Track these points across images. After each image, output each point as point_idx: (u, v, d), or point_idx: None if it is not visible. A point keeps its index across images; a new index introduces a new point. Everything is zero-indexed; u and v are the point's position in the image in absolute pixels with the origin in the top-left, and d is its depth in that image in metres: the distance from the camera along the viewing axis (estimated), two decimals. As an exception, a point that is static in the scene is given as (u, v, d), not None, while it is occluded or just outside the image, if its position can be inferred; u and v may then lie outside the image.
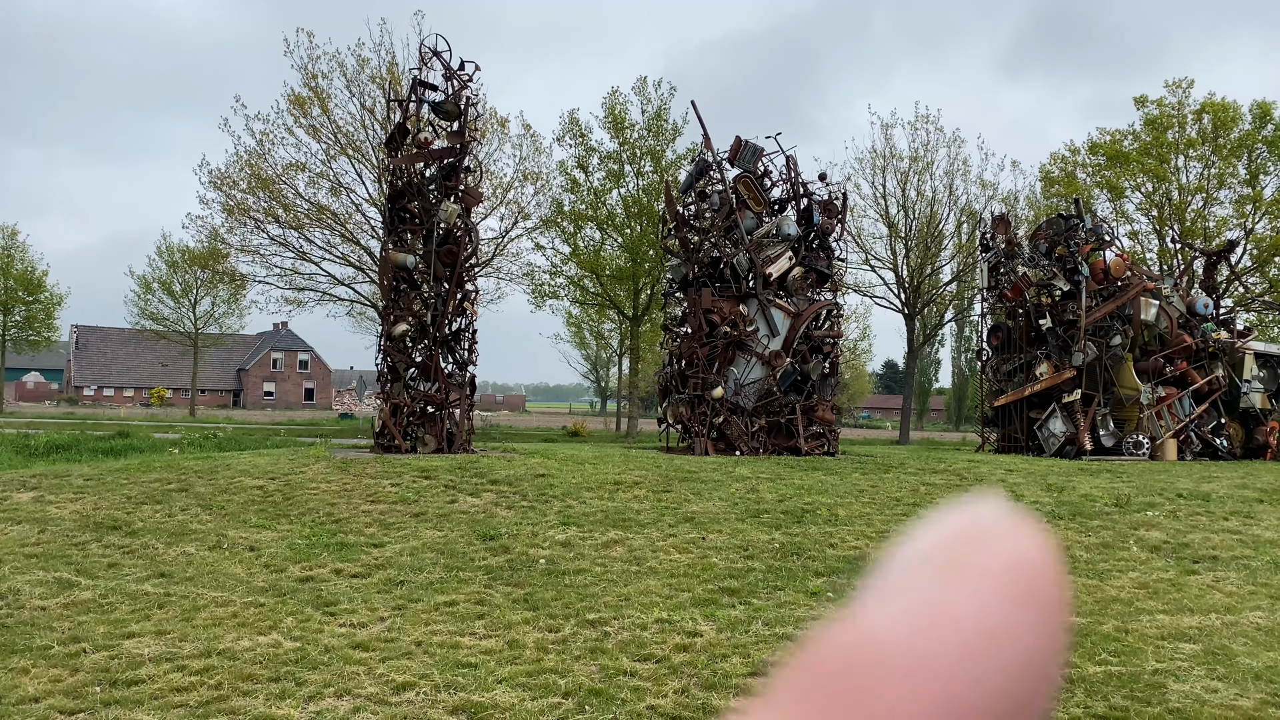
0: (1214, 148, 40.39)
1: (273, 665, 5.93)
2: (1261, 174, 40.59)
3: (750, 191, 17.17)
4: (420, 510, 9.85)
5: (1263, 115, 39.94)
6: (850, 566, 8.60)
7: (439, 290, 13.67)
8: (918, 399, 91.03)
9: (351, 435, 33.60)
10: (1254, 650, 6.77)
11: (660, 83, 40.16)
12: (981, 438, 20.62)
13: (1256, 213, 40.20)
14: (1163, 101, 41.59)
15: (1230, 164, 40.59)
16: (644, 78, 40.49)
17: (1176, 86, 41.60)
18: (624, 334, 51.63)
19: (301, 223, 36.11)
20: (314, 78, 34.93)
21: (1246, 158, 40.52)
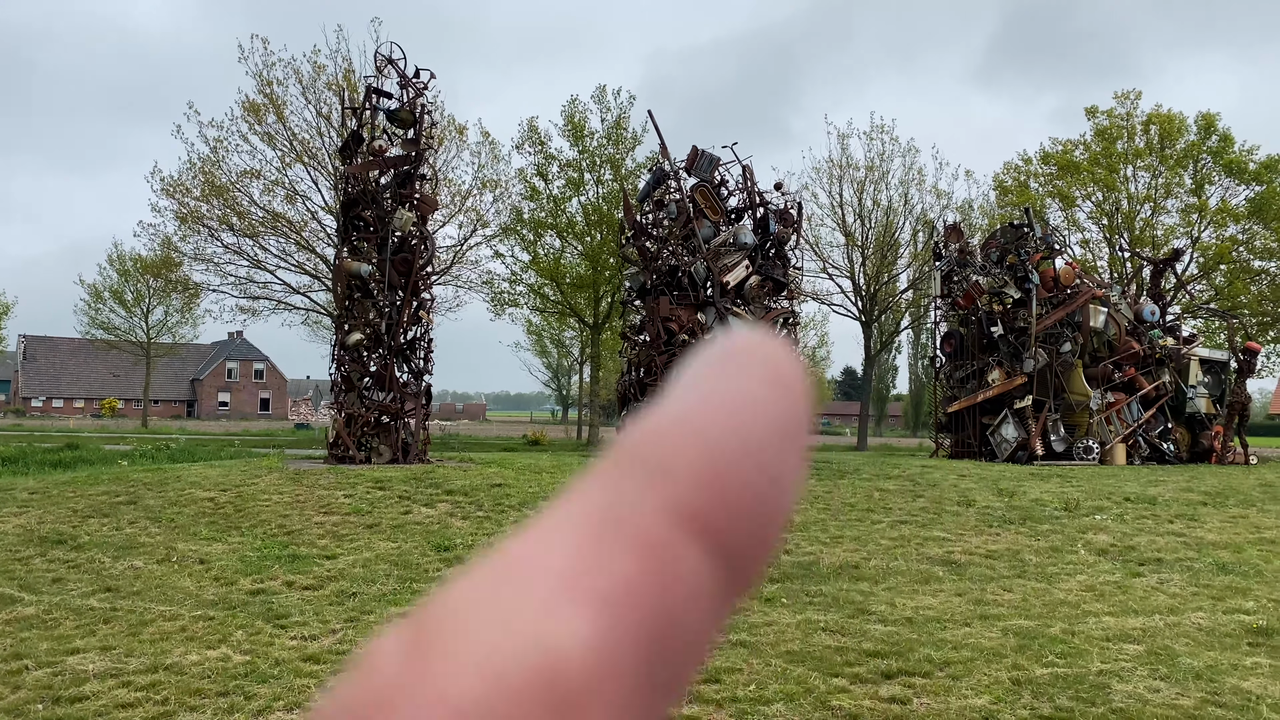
0: (1161, 158, 41.31)
1: (221, 679, 5.86)
2: (1206, 184, 41.56)
3: (707, 201, 17.27)
4: (374, 521, 9.78)
5: (1207, 127, 40.93)
6: (805, 572, 8.66)
7: (394, 299, 13.59)
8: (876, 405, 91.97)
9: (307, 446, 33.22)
10: (1195, 650, 6.92)
11: (620, 91, 40.29)
12: (936, 443, 20.87)
13: (1202, 222, 41.15)
14: (1112, 112, 42.48)
15: (1176, 174, 41.53)
16: (603, 86, 40.58)
17: (1125, 98, 42.50)
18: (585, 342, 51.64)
19: (256, 230, 35.71)
20: (269, 84, 34.60)
21: (1192, 168, 41.48)
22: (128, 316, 53.96)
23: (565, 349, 66.60)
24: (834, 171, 43.88)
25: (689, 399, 0.25)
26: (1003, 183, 44.86)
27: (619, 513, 0.23)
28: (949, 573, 8.86)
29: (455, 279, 39.06)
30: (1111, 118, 42.31)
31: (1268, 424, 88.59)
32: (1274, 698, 6.05)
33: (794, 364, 0.27)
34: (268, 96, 34.66)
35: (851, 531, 10.21)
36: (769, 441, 0.24)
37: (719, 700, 5.71)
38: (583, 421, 59.68)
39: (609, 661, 0.21)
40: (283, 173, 35.21)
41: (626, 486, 0.23)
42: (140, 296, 52.96)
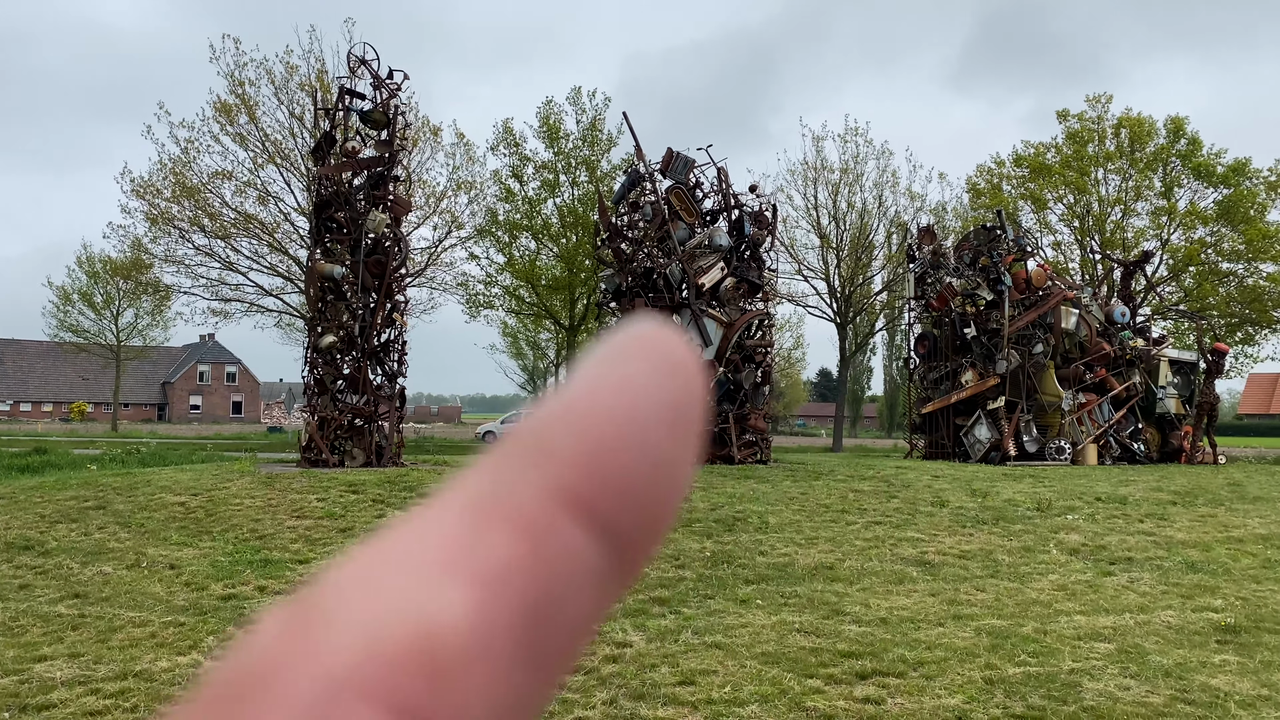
0: (1131, 161, 41.78)
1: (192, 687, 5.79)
2: (1175, 187, 42.08)
3: (682, 203, 17.28)
4: (347, 525, 9.70)
5: (1176, 130, 41.44)
6: (780, 573, 8.68)
7: (367, 301, 13.50)
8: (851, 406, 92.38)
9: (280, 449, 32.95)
10: (1165, 648, 7.00)
11: (595, 93, 40.29)
12: (910, 444, 20.99)
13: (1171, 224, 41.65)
14: (1083, 116, 42.91)
15: (1146, 177, 42.01)
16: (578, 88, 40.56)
17: (1096, 101, 42.95)
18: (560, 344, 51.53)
19: (228, 232, 35.38)
20: (241, 85, 34.31)
21: (1161, 171, 41.98)
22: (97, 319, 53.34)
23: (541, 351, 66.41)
24: (809, 174, 44.07)
25: (577, 386, 0.26)
26: (976, 185, 45.21)
27: (499, 493, 0.23)
28: (923, 573, 8.91)
29: (430, 281, 38.88)
30: (1082, 121, 42.76)
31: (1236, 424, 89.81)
32: (1241, 694, 6.12)
33: (687, 350, 0.27)
34: (239, 97, 34.38)
35: (826, 533, 10.24)
36: (655, 425, 0.25)
37: (693, 702, 5.71)
38: (559, 424, 59.25)
39: (485, 635, 0.21)
40: (255, 174, 34.94)
41: (509, 468, 0.24)
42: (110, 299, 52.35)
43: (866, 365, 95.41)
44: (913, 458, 19.80)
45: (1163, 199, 42.03)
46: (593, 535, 0.24)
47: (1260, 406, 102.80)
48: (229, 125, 34.46)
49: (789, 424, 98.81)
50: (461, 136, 38.57)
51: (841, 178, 43.74)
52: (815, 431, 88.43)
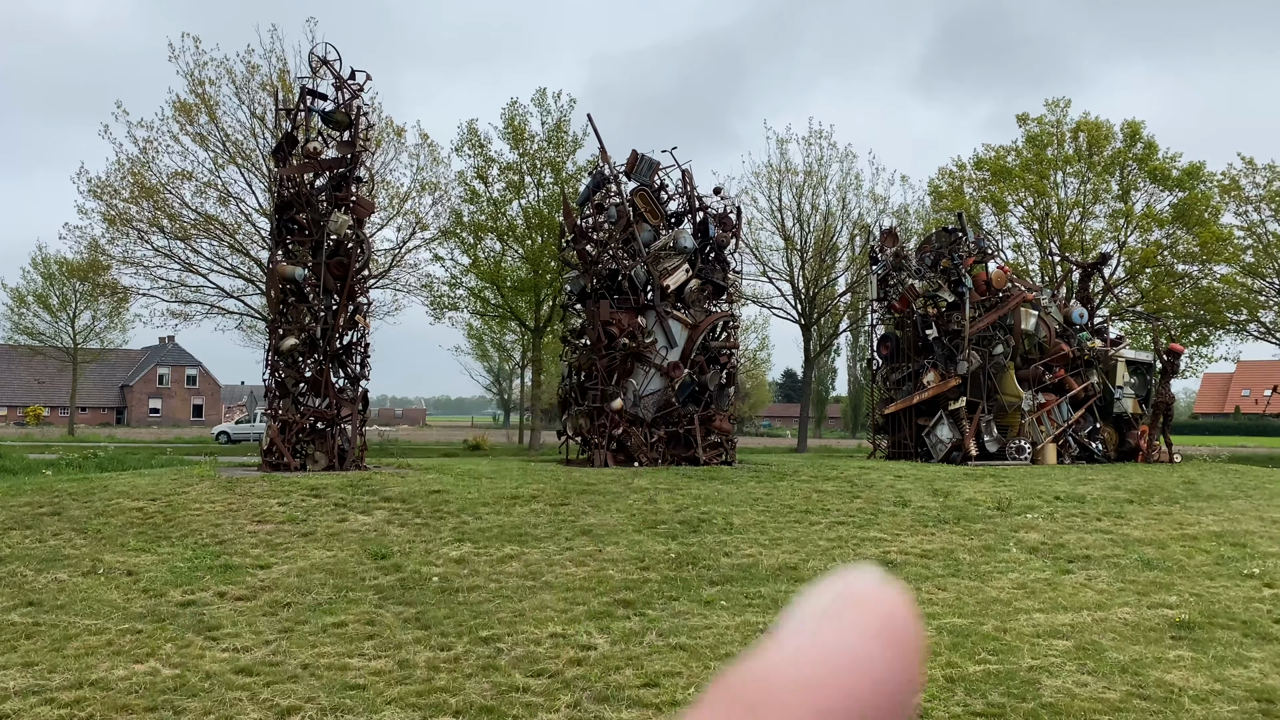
0: (1089, 164, 42.40)
1: (149, 694, 5.71)
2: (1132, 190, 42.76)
3: (647, 205, 17.30)
4: (309, 530, 9.61)
5: (1132, 134, 42.11)
6: (744, 574, 8.72)
7: (329, 303, 13.38)
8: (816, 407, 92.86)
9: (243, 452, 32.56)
10: (1121, 645, 7.11)
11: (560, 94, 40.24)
12: (873, 445, 21.16)
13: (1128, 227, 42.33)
14: (1043, 120, 43.48)
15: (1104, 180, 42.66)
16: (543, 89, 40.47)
17: (1055, 105, 43.53)
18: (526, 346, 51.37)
19: (188, 233, 34.93)
20: (201, 84, 33.88)
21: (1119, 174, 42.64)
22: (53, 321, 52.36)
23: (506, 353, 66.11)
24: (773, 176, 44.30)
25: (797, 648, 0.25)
26: (938, 188, 45.67)
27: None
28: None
29: (394, 282, 38.61)
30: (1042, 125, 43.33)
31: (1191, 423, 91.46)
32: (1195, 689, 6.24)
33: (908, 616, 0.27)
34: (200, 96, 33.94)
35: (790, 533, 10.30)
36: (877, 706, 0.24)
37: (657, 704, 5.72)
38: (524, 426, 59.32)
39: None
40: (215, 174, 34.51)
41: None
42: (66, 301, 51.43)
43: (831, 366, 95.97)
44: (876, 458, 19.96)
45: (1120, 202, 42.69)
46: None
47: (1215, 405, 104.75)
48: (189, 125, 34.02)
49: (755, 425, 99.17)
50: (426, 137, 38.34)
51: (806, 180, 44.02)
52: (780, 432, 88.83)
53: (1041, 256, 41.57)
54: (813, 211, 44.12)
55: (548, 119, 38.97)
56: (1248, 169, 44.61)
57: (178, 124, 33.99)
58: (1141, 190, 42.74)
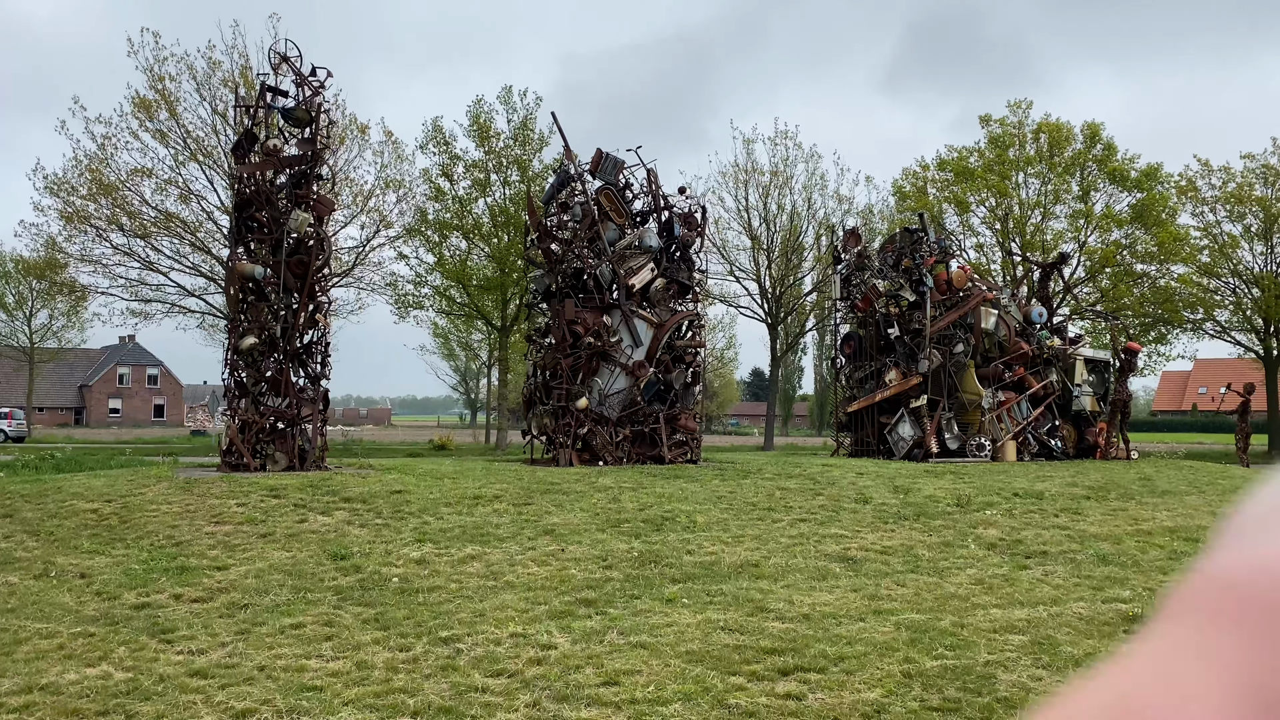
0: (1050, 165, 42.94)
1: (101, 698, 5.64)
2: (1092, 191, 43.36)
3: (612, 203, 17.30)
4: (268, 531, 9.52)
5: (1092, 136, 42.70)
6: (706, 572, 8.75)
7: (289, 302, 13.26)
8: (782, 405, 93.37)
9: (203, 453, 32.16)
10: (1076, 639, 7.21)
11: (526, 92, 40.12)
12: (836, 442, 21.30)
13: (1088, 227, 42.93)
14: (1004, 121, 43.98)
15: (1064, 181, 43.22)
16: (509, 87, 40.32)
17: (1017, 107, 44.04)
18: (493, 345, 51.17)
19: (148, 231, 34.45)
20: (161, 80, 33.42)
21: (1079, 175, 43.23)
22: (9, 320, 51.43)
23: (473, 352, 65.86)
24: (740, 176, 44.47)
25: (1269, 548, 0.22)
26: (901, 188, 46.06)
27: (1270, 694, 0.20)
28: (845, 569, 9.05)
29: (357, 281, 38.33)
30: (1004, 126, 43.82)
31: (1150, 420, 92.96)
32: (1146, 682, 6.34)
33: None
34: (159, 92, 33.49)
35: (753, 530, 10.34)
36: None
37: (617, 702, 5.72)
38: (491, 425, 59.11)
39: None
40: (176, 171, 34.08)
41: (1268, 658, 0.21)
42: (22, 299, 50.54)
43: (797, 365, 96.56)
44: (839, 455, 20.10)
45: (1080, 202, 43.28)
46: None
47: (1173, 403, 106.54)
48: (148, 121, 33.57)
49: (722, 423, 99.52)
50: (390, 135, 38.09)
51: (771, 180, 44.24)
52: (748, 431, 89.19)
53: (1003, 256, 42.05)
54: (779, 211, 44.37)
55: (514, 117, 38.86)
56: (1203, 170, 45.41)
57: (137, 120, 33.53)
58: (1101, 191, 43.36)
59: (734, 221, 44.51)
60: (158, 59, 33.53)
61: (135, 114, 33.42)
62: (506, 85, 47.20)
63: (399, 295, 40.10)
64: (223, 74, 33.72)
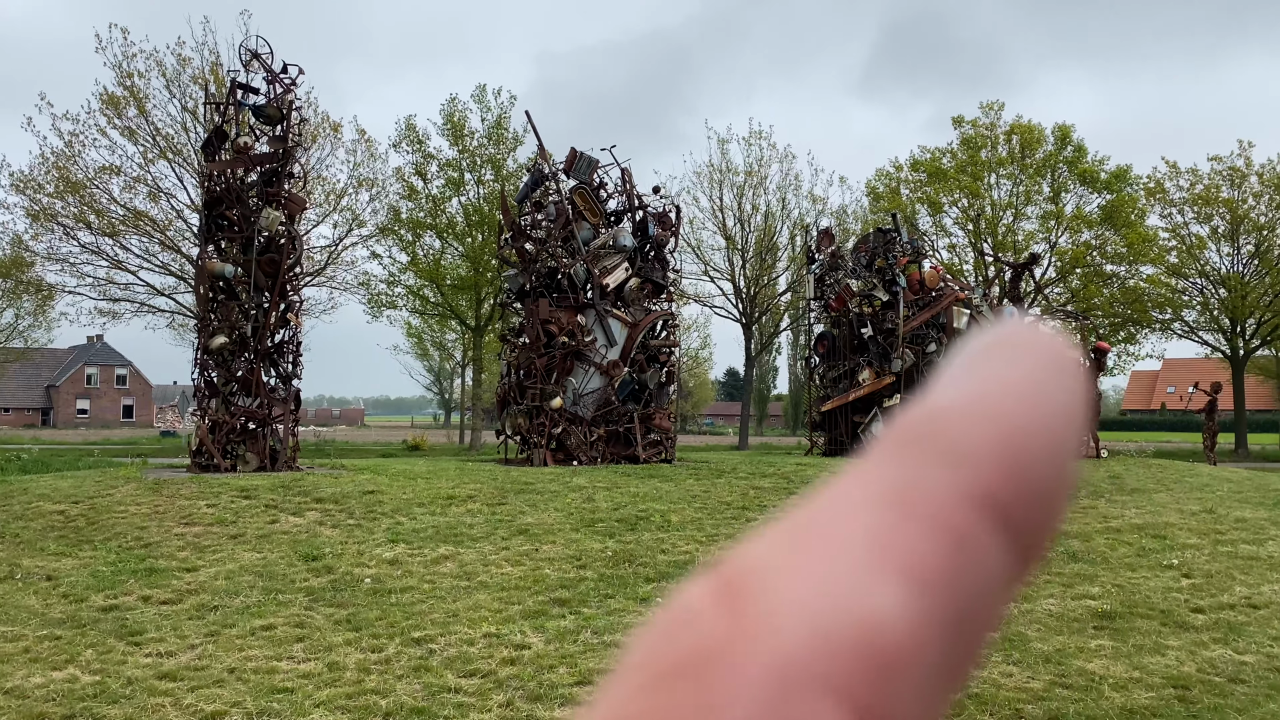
0: (1021, 166, 43.35)
1: (67, 702, 5.56)
2: (1063, 192, 43.83)
3: (586, 203, 17.28)
4: (238, 532, 9.43)
5: (1063, 138, 43.15)
6: (681, 571, 8.75)
7: (260, 301, 13.14)
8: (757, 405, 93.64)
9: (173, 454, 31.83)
10: (1046, 635, 7.28)
11: (500, 91, 39.98)
12: (810, 442, 21.39)
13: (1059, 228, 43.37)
14: (977, 122, 44.35)
15: (1036, 182, 43.66)
16: (483, 85, 40.15)
17: (990, 108, 44.43)
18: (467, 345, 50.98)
19: (116, 229, 34.06)
20: (129, 76, 33.05)
21: (1050, 176, 43.68)
22: (-26, 320, 50.62)
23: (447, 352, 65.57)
24: (714, 176, 44.57)
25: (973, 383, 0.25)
26: (875, 189, 46.34)
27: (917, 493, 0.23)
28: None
29: (330, 280, 38.07)
30: (976, 127, 44.19)
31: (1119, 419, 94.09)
32: (1115, 678, 6.41)
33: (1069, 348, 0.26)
34: (128, 89, 33.11)
35: (727, 530, 10.36)
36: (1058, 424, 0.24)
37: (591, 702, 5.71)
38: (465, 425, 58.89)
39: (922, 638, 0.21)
40: (145, 169, 33.71)
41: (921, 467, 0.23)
42: (-13, 298, 49.75)
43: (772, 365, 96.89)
44: (813, 455, 20.19)
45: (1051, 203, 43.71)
46: (1004, 540, 0.23)
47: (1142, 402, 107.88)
48: (116, 118, 33.19)
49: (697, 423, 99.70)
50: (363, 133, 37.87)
51: (746, 180, 44.37)
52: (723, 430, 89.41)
53: (975, 256, 42.42)
54: (753, 211, 44.51)
55: (488, 116, 38.75)
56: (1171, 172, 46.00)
57: (105, 117, 33.15)
58: (1071, 192, 43.84)
59: (709, 221, 44.63)
60: (126, 55, 33.19)
61: (103, 111, 33.06)
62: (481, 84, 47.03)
63: (372, 294, 39.90)
64: (193, 71, 33.42)
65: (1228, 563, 9.93)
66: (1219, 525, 11.78)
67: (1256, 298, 44.77)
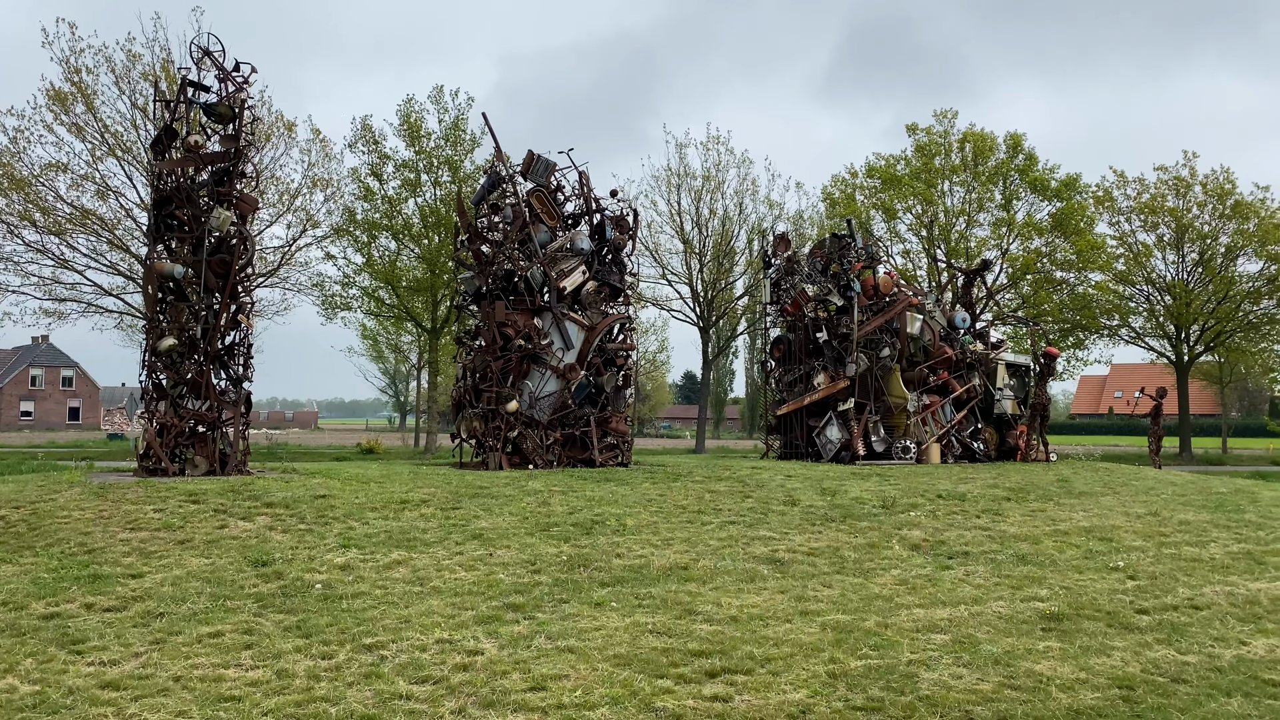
0: (974, 174, 43.95)
1: (5, 712, 5.42)
2: (1014, 199, 44.49)
3: (544, 206, 17.22)
4: (186, 537, 9.26)
5: (1014, 146, 43.81)
6: (635, 575, 8.74)
7: (210, 302, 12.91)
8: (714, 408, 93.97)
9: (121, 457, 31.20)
10: (995, 637, 7.38)
11: (458, 92, 39.75)
12: (766, 445, 21.49)
13: (1010, 234, 44.02)
14: (931, 130, 44.89)
15: (988, 189, 44.28)
16: (440, 86, 39.85)
17: (943, 116, 44.99)
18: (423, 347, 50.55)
19: (63, 228, 33.33)
20: (77, 72, 32.36)
21: (1002, 184, 44.32)
22: (-88, 319, 49.20)
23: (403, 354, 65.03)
24: (672, 180, 44.67)
25: None
26: (831, 195, 46.71)
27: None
28: (773, 571, 9.13)
29: (283, 281, 37.58)
30: (930, 135, 44.73)
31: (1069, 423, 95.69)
32: (1062, 678, 6.51)
33: None
34: (76, 85, 32.42)
35: (682, 533, 10.37)
36: None
37: (543, 708, 5.68)
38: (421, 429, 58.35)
39: None
40: (93, 166, 33.03)
41: None
42: (-73, 297, 48.39)
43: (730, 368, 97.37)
44: (768, 458, 20.28)
45: (1003, 210, 44.35)
46: None
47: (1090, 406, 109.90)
48: (64, 114, 32.48)
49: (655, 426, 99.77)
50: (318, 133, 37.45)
51: (704, 185, 44.52)
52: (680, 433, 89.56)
53: (929, 262, 42.93)
54: (711, 216, 44.68)
55: (445, 117, 38.50)
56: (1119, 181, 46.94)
57: (51, 113, 32.43)
58: (1023, 200, 44.52)
59: (667, 225, 44.73)
60: (74, 50, 32.50)
61: (50, 107, 32.35)
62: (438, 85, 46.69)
63: (326, 296, 39.45)
64: (143, 67, 32.80)
65: (1171, 564, 10.14)
66: (1163, 528, 12.03)
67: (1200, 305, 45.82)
